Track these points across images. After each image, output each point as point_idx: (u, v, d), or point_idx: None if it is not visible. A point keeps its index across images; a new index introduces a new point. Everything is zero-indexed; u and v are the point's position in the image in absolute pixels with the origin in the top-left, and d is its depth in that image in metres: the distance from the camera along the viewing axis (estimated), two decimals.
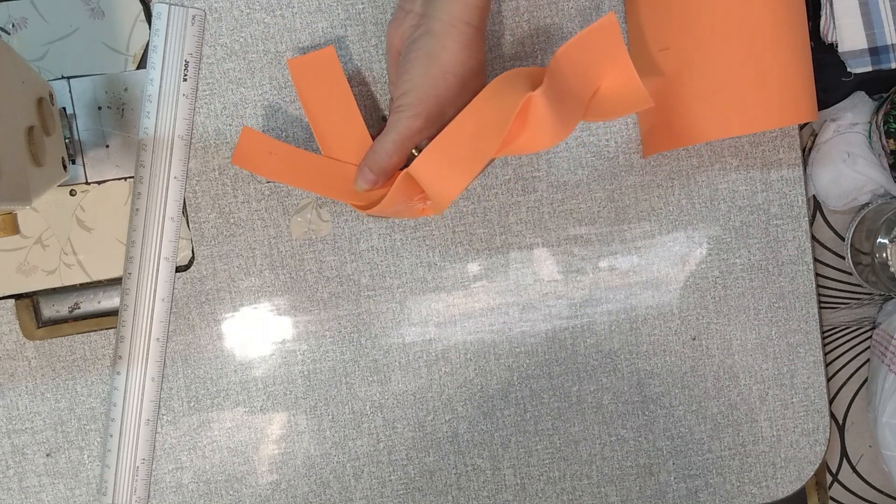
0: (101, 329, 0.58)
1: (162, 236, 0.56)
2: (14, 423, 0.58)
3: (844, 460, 0.67)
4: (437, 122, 0.50)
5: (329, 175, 0.55)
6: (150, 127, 0.56)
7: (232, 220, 0.58)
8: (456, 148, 0.49)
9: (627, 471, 0.62)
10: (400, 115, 0.50)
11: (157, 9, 0.56)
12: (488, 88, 0.49)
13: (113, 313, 0.59)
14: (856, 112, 0.61)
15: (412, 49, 0.49)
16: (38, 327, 0.58)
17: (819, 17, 0.59)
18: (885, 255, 0.60)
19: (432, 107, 0.49)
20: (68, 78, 0.56)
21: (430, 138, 0.51)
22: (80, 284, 0.57)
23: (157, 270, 0.57)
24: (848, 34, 0.58)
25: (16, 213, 0.47)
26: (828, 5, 0.58)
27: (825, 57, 0.59)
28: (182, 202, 0.57)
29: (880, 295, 0.65)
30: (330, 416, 0.60)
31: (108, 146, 0.57)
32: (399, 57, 0.51)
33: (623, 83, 0.48)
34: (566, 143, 0.59)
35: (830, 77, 0.60)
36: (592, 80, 0.49)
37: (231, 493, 0.60)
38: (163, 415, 0.59)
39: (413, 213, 0.55)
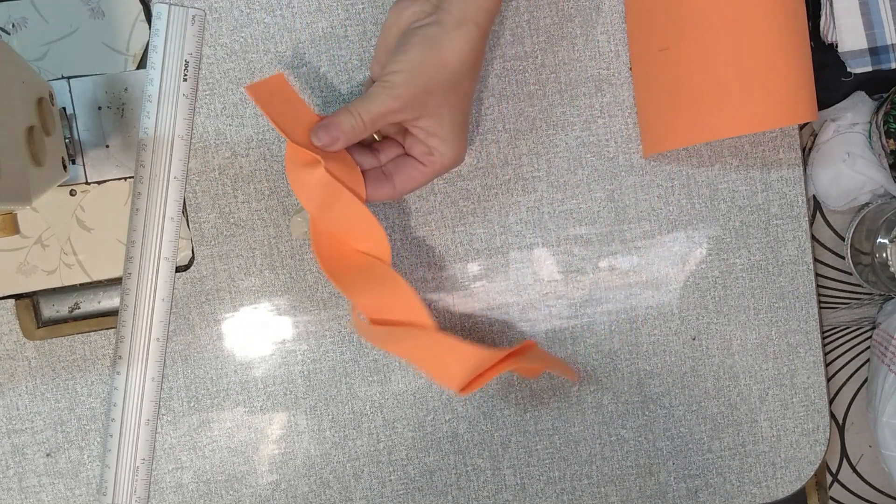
0: (101, 329, 0.58)
1: (162, 236, 0.56)
2: (14, 423, 0.58)
3: (844, 460, 0.67)
4: (415, 110, 0.50)
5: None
6: (150, 127, 0.56)
7: (232, 220, 0.58)
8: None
9: (627, 471, 0.62)
10: (383, 90, 0.49)
11: (157, 9, 0.56)
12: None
13: (113, 313, 0.59)
14: (856, 112, 0.61)
15: (417, 33, 0.49)
16: (38, 327, 0.58)
17: (819, 17, 0.59)
18: (885, 255, 0.60)
19: (418, 93, 0.49)
20: (68, 78, 0.56)
21: (402, 123, 0.51)
22: (80, 284, 0.57)
23: (157, 270, 0.57)
24: (848, 34, 0.58)
25: (16, 213, 0.47)
26: (828, 5, 0.58)
27: (825, 57, 0.59)
28: (182, 202, 0.57)
29: (880, 295, 0.65)
30: (330, 416, 0.60)
31: (108, 146, 0.57)
32: (398, 36, 0.51)
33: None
34: (566, 143, 0.59)
35: (830, 77, 0.60)
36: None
37: (231, 493, 0.60)
38: (163, 415, 0.59)
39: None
